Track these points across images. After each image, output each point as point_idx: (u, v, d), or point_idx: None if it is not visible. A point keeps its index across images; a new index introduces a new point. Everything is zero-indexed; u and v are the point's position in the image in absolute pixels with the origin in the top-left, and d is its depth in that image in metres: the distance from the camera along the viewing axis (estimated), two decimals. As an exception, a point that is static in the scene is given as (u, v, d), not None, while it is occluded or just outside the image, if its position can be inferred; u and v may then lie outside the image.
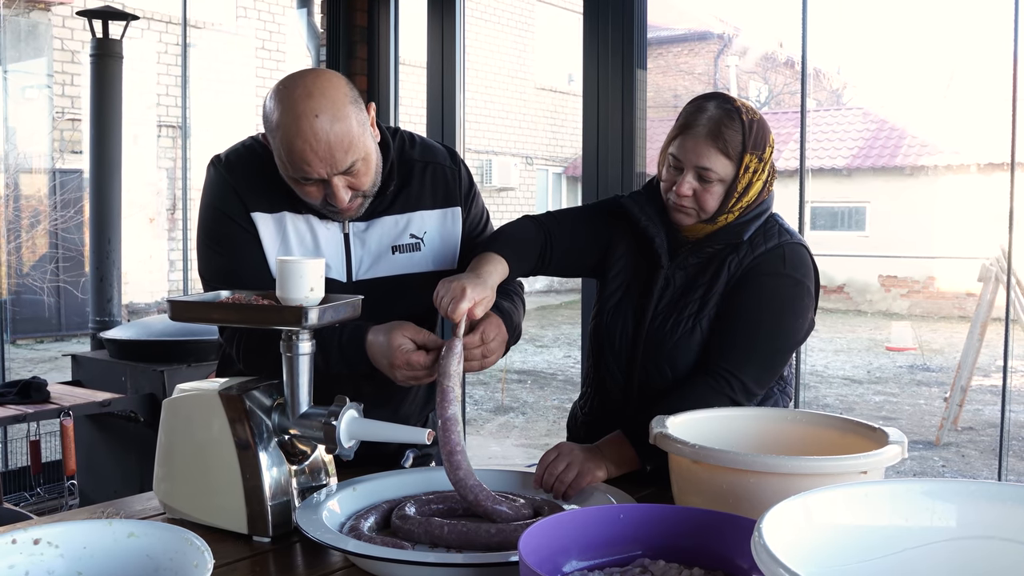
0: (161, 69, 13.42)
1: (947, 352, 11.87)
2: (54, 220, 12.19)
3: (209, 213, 1.85)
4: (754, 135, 1.80)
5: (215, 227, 1.84)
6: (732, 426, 1.66)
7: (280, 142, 1.67)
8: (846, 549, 1.03)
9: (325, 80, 1.68)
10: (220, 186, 1.84)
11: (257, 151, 1.84)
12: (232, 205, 1.82)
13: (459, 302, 1.61)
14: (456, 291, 1.62)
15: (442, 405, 1.56)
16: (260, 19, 14.66)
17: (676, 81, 20.40)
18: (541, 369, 10.77)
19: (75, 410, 4.06)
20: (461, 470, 1.52)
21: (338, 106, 1.66)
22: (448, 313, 1.62)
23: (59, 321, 12.29)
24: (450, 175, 1.95)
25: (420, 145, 1.96)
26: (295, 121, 1.64)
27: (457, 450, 1.53)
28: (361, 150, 1.70)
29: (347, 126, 1.66)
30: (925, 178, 16.07)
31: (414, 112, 5.42)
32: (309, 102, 1.64)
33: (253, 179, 1.82)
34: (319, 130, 1.63)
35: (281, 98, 1.67)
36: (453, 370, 1.58)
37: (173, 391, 1.65)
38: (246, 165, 1.84)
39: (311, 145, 1.64)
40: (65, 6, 12.37)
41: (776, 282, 1.85)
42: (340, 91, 1.68)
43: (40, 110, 12.56)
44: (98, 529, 1.15)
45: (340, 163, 1.67)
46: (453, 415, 1.55)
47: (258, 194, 1.82)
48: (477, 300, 1.63)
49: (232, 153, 1.88)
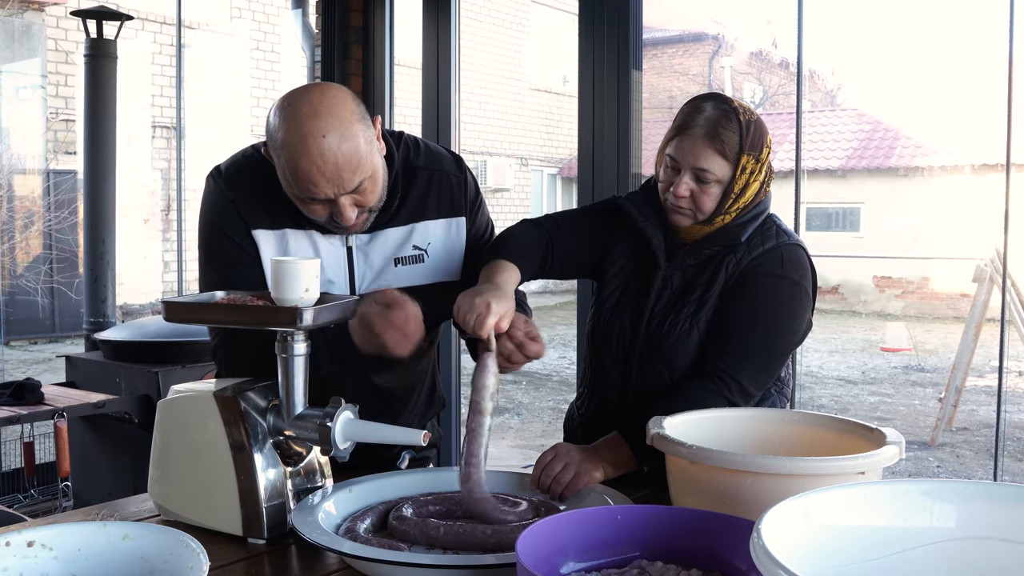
0: (155, 70, 13.39)
1: (942, 353, 11.89)
2: (48, 221, 12.16)
3: (209, 229, 1.82)
4: (751, 136, 1.79)
5: (214, 244, 1.81)
6: (729, 427, 1.65)
7: (286, 162, 1.63)
8: (845, 550, 1.03)
9: (332, 97, 1.63)
10: (220, 202, 1.80)
11: (258, 162, 1.78)
12: (232, 223, 1.78)
13: (485, 318, 1.57)
14: (481, 307, 1.58)
15: (470, 417, 1.56)
16: (255, 19, 14.64)
17: (671, 82, 20.42)
18: (536, 370, 10.76)
19: (69, 411, 4.04)
20: (470, 481, 1.53)
21: (346, 125, 1.62)
22: (475, 331, 1.58)
23: (53, 322, 12.26)
24: (456, 184, 1.92)
25: (425, 152, 1.91)
26: (301, 141, 1.59)
27: (473, 462, 1.53)
28: (368, 168, 1.66)
29: (355, 145, 1.62)
30: (919, 179, 16.10)
31: (409, 113, 5.41)
32: (316, 121, 1.60)
33: (254, 194, 1.78)
34: (326, 151, 1.59)
35: (286, 116, 1.62)
36: (481, 384, 1.56)
37: (168, 392, 1.65)
38: (247, 179, 1.80)
39: (318, 166, 1.60)
40: (59, 6, 12.34)
41: (774, 283, 1.84)
42: (347, 109, 1.64)
43: (34, 111, 12.53)
44: (93, 531, 1.14)
45: (348, 184, 1.64)
46: (477, 427, 1.54)
47: (259, 210, 1.78)
48: (502, 314, 1.59)
49: (232, 165, 1.83)
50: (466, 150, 15.87)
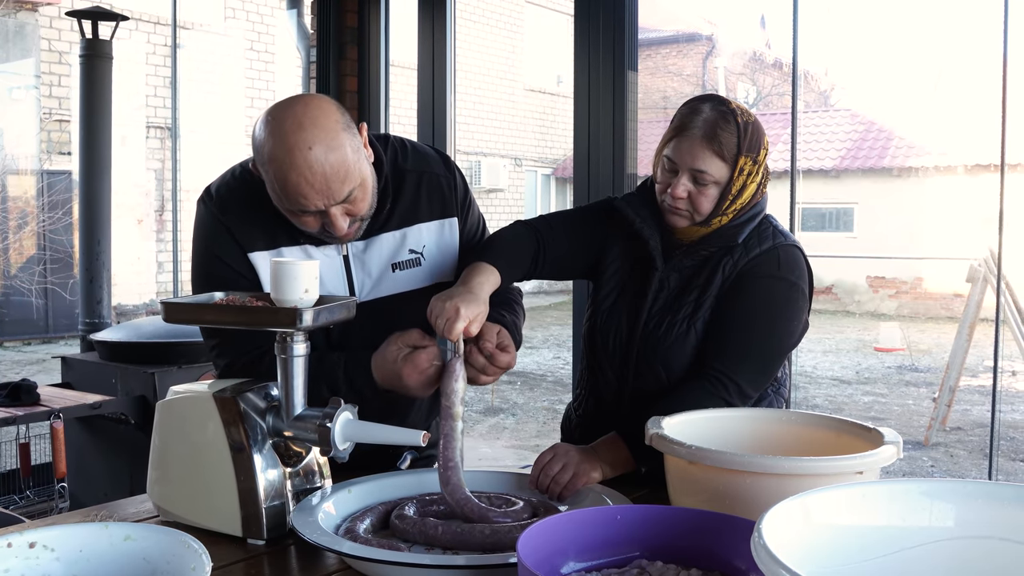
0: (150, 70, 13.38)
1: (935, 353, 11.92)
2: (42, 222, 12.14)
3: (204, 255, 1.81)
4: (749, 137, 1.80)
5: (210, 269, 1.80)
6: (727, 427, 1.66)
7: (274, 176, 1.63)
8: (845, 549, 1.04)
9: (316, 108, 1.64)
10: (213, 227, 1.79)
11: (248, 182, 1.78)
12: (227, 248, 1.78)
13: (454, 323, 1.59)
14: (451, 311, 1.60)
15: (442, 422, 1.58)
16: (249, 20, 14.62)
17: (665, 83, 20.43)
18: (531, 370, 10.76)
19: (65, 412, 4.04)
20: (450, 485, 1.55)
21: (331, 135, 1.62)
22: (444, 334, 1.60)
23: (47, 323, 12.24)
24: (445, 184, 1.92)
25: (412, 153, 1.92)
26: (288, 154, 1.59)
27: (450, 466, 1.56)
28: (357, 177, 1.66)
29: (342, 155, 1.62)
30: (913, 179, 16.13)
31: (403, 113, 5.42)
32: (302, 134, 1.60)
33: (247, 216, 1.78)
34: (314, 163, 1.60)
35: (272, 130, 1.62)
36: (450, 389, 1.59)
37: (166, 393, 1.65)
38: (238, 200, 1.79)
39: (307, 178, 1.60)
40: (53, 7, 12.32)
41: (771, 284, 1.85)
42: (332, 119, 1.64)
43: (28, 111, 12.51)
44: (94, 532, 1.14)
45: (337, 194, 1.64)
46: (450, 432, 1.57)
47: (253, 233, 1.78)
48: (471, 318, 1.61)
49: (222, 187, 1.83)
50: (460, 150, 15.80)
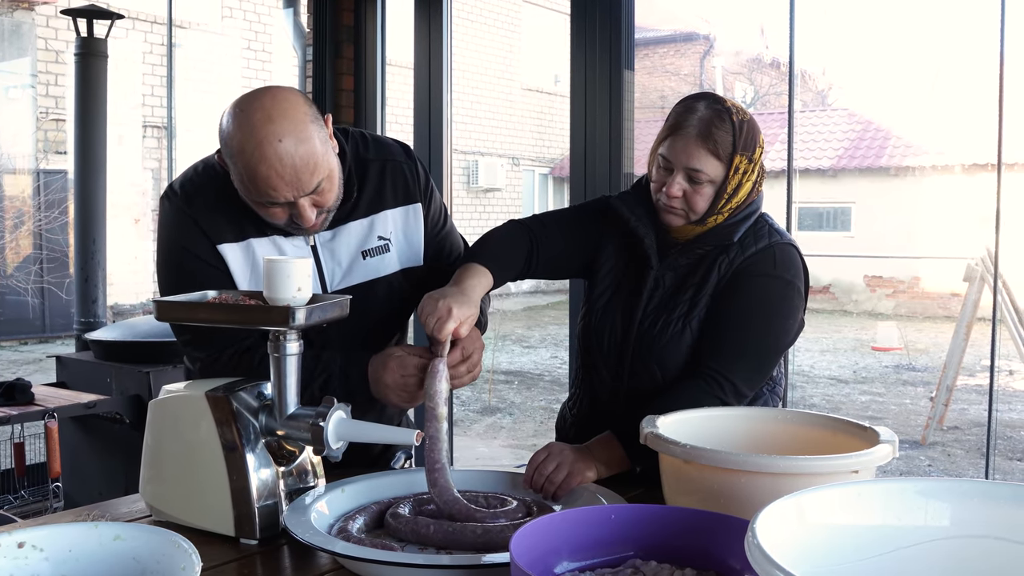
0: (146, 69, 13.36)
1: (932, 352, 11.92)
2: (38, 221, 12.12)
3: (172, 250, 1.80)
4: (744, 136, 1.79)
5: (180, 261, 1.79)
6: (723, 426, 1.65)
7: (243, 168, 1.63)
8: (840, 549, 1.03)
9: (284, 100, 1.64)
10: (180, 221, 1.78)
11: (212, 176, 1.78)
12: (195, 240, 1.77)
13: (445, 322, 1.60)
14: (442, 311, 1.61)
15: (427, 423, 1.58)
16: (246, 19, 14.61)
17: (662, 82, 20.43)
18: (528, 370, 10.76)
19: (60, 412, 4.02)
20: (437, 486, 1.55)
21: (300, 127, 1.62)
22: (434, 333, 1.61)
23: (43, 322, 12.22)
24: (408, 171, 1.94)
25: (373, 143, 1.94)
26: (257, 147, 1.60)
27: (436, 468, 1.56)
28: (326, 169, 1.67)
29: (311, 147, 1.63)
30: (910, 178, 16.14)
31: (400, 113, 5.40)
32: (271, 126, 1.60)
33: (214, 208, 1.77)
34: (283, 155, 1.60)
35: (240, 122, 1.62)
36: (435, 390, 1.59)
37: (159, 392, 1.64)
38: (204, 194, 1.79)
39: (276, 170, 1.61)
40: (49, 5, 12.30)
41: (767, 283, 1.84)
42: (300, 111, 1.64)
43: (24, 110, 12.49)
44: (83, 532, 1.13)
45: (307, 185, 1.65)
46: (435, 433, 1.57)
47: (221, 224, 1.77)
48: (463, 320, 1.62)
49: (187, 182, 1.82)
50: (457, 150, 15.79)
